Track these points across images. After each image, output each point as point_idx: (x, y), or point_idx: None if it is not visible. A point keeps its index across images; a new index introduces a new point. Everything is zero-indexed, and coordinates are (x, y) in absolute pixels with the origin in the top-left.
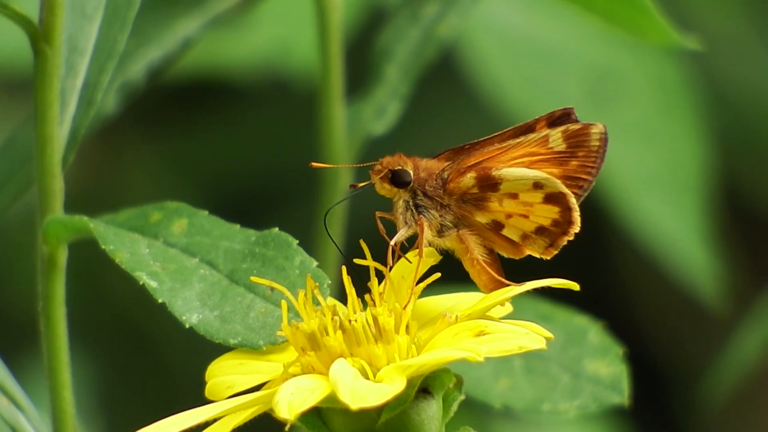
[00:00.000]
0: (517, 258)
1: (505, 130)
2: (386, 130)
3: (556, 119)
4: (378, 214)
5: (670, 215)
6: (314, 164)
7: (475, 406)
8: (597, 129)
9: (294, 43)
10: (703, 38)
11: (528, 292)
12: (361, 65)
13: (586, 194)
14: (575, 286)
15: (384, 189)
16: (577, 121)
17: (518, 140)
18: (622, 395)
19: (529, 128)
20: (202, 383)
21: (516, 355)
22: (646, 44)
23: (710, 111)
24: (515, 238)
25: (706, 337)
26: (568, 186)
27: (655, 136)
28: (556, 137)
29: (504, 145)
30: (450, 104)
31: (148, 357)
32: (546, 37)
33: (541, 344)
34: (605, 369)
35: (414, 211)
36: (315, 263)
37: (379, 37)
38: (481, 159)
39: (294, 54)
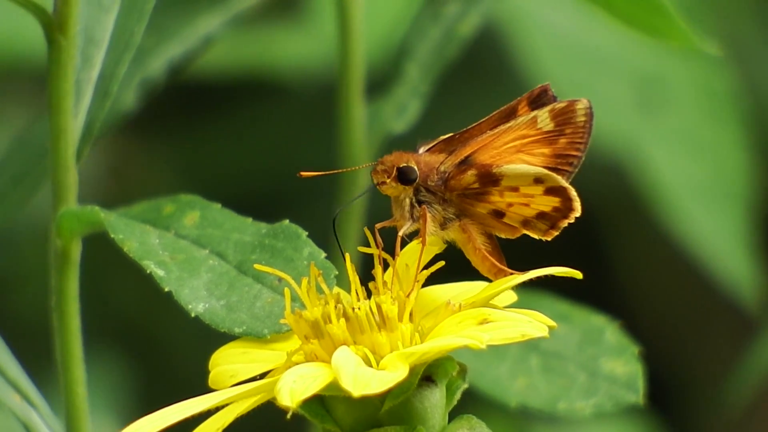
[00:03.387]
0: (512, 237)
1: (491, 115)
2: (406, 128)
3: (536, 97)
4: (378, 226)
5: (714, 223)
6: (303, 174)
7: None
8: (582, 104)
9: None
10: (748, 46)
11: (545, 292)
12: (382, 63)
13: (576, 170)
14: (578, 275)
15: (390, 187)
16: (555, 98)
17: (509, 124)
18: (637, 394)
19: (512, 110)
20: (207, 372)
21: (533, 354)
22: (668, 47)
23: (756, 120)
24: (516, 224)
25: (735, 340)
26: (558, 164)
27: (701, 143)
28: (543, 117)
29: (496, 131)
30: (485, 104)
31: (153, 348)
32: (596, 41)
33: (543, 332)
34: (621, 368)
35: (417, 207)
36: (323, 254)
37: (400, 36)
38: (476, 147)
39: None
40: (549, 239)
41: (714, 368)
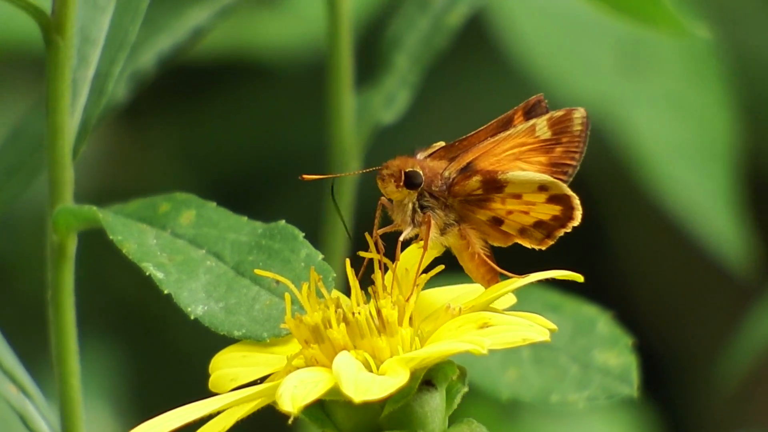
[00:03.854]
0: (504, 246)
1: (489, 124)
2: (395, 118)
3: (531, 107)
4: (379, 232)
5: (698, 183)
6: (306, 177)
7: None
8: (579, 114)
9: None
10: (730, 6)
11: (536, 281)
12: (371, 54)
13: (571, 179)
14: (579, 278)
15: (396, 192)
16: (547, 109)
17: (508, 132)
18: (631, 386)
19: (509, 119)
20: (205, 359)
21: (524, 346)
22: (657, 33)
23: (738, 81)
24: (513, 232)
25: (735, 316)
26: (554, 173)
27: (684, 105)
28: (542, 125)
29: (496, 138)
30: (481, 80)
31: (157, 346)
32: (576, 6)
33: (545, 336)
34: (614, 359)
35: (420, 212)
36: (320, 256)
37: (388, 26)
38: (478, 154)
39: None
40: (544, 248)
41: (713, 345)
